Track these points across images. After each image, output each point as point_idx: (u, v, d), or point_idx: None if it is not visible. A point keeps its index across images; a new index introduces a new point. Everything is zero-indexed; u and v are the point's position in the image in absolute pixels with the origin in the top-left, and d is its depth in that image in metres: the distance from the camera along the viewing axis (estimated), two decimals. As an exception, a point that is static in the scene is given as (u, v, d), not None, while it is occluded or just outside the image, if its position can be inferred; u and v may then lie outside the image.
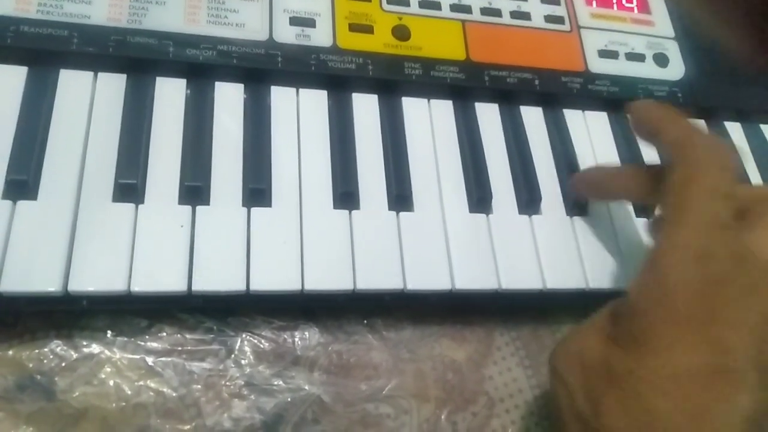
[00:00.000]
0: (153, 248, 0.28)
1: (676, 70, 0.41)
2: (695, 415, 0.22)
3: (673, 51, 0.42)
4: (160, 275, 0.28)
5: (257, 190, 0.30)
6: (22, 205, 0.28)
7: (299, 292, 0.29)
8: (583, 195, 0.35)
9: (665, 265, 0.25)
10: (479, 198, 0.34)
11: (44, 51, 0.31)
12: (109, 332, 0.30)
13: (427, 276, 0.31)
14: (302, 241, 0.30)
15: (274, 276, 0.29)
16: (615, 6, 0.43)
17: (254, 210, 0.30)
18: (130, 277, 0.27)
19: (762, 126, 0.43)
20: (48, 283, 0.26)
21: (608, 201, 0.36)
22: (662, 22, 0.43)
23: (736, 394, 0.23)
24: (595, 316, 0.28)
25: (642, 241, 0.35)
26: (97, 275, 0.27)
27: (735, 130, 0.43)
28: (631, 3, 0.43)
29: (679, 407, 0.23)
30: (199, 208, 0.30)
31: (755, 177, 0.41)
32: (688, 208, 0.26)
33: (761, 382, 0.23)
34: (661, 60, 0.41)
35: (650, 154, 0.39)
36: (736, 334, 0.23)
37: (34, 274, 0.26)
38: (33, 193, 0.28)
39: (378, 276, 0.30)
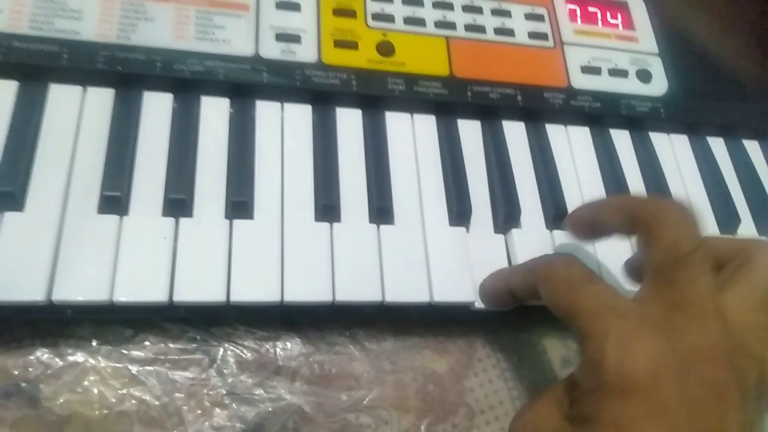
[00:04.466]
0: (136, 259, 0.29)
1: (659, 85, 0.42)
2: None
3: (657, 67, 0.43)
4: (142, 286, 0.28)
5: (239, 203, 0.31)
6: (9, 216, 0.28)
7: (279, 303, 0.30)
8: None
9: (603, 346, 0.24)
10: (459, 212, 0.34)
11: (35, 66, 0.32)
12: (93, 341, 0.31)
13: (405, 288, 0.32)
14: (283, 253, 0.31)
15: (254, 287, 0.30)
16: (600, 23, 0.44)
17: (236, 222, 0.31)
18: (113, 287, 0.28)
19: (744, 141, 0.44)
20: (32, 293, 0.27)
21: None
22: (646, 38, 0.44)
23: None
24: (556, 385, 0.28)
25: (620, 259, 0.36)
26: (80, 285, 0.28)
27: (718, 145, 0.43)
28: (616, 19, 0.44)
29: None
30: (182, 220, 0.30)
31: (737, 193, 0.41)
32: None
33: None
34: (644, 76, 0.42)
35: (632, 173, 0.39)
36: (678, 405, 0.23)
37: (20, 284, 0.27)
38: (20, 205, 0.29)
39: (357, 288, 0.31)
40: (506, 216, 0.35)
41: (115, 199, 0.30)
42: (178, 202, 0.30)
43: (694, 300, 0.25)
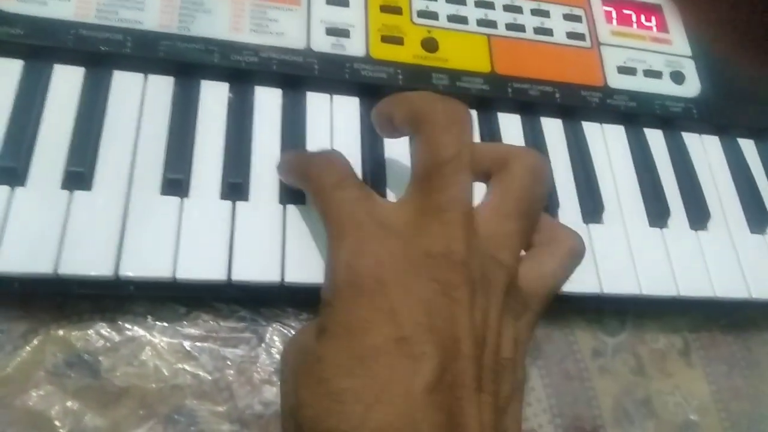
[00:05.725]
0: (196, 239, 0.30)
1: (692, 87, 0.43)
2: (379, 389, 0.22)
3: (690, 69, 0.44)
4: (202, 264, 0.30)
5: (292, 188, 0.32)
6: (79, 195, 0.30)
7: (329, 284, 0.31)
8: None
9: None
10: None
11: (100, 54, 0.33)
12: (149, 317, 0.32)
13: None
14: (333, 237, 0.32)
15: (306, 269, 0.31)
16: (635, 25, 0.45)
17: (289, 207, 0.32)
18: (175, 264, 0.29)
19: (775, 144, 0.45)
20: (102, 268, 0.29)
21: None
22: (680, 40, 0.45)
23: (414, 364, 0.22)
24: None
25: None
26: (145, 262, 0.29)
27: (748, 147, 0.44)
28: (651, 22, 0.45)
29: (365, 384, 0.22)
30: (238, 203, 0.32)
31: (768, 195, 0.42)
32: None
33: (442, 351, 0.22)
34: (678, 77, 0.43)
35: (665, 171, 0.40)
36: (406, 306, 0.23)
37: (89, 260, 0.29)
38: (88, 184, 0.30)
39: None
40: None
41: (177, 181, 0.31)
42: (236, 186, 0.32)
43: (443, 207, 0.25)
